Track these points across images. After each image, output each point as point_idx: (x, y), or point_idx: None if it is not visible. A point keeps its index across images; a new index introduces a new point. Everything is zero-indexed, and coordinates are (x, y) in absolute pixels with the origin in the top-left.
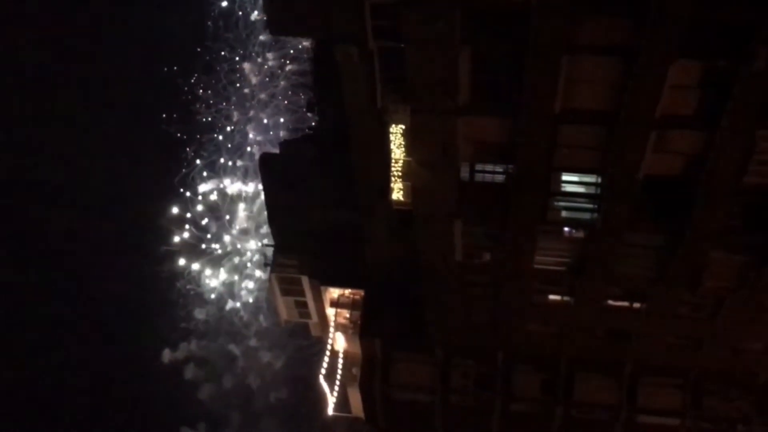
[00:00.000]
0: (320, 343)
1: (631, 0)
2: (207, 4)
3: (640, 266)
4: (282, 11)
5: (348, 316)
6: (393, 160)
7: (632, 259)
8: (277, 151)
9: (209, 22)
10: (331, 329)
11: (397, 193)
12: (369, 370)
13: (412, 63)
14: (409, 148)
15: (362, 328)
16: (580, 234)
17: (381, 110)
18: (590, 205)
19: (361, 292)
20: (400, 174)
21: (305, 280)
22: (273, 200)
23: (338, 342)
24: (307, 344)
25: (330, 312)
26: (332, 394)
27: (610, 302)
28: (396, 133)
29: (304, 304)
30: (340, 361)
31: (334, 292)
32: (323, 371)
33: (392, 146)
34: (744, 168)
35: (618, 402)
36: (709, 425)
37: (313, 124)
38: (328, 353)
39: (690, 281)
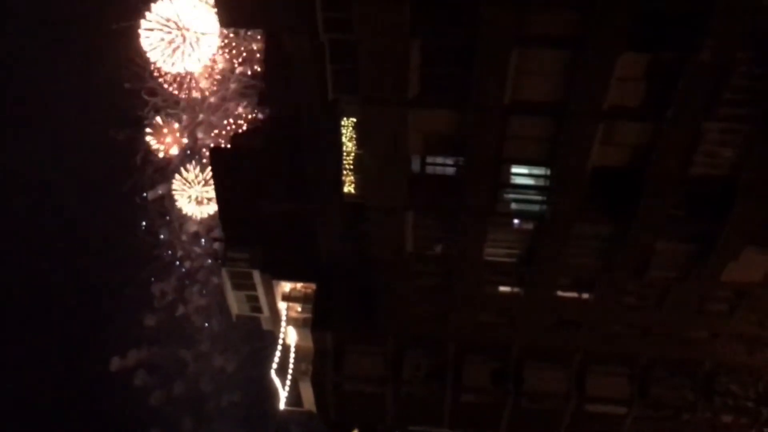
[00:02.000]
0: (274, 344)
1: None
2: (152, 8)
3: (589, 256)
4: (233, 3)
5: (300, 309)
6: (344, 153)
7: (580, 249)
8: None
9: (156, 26)
10: (283, 323)
11: (349, 186)
12: (320, 363)
13: (363, 55)
14: (360, 140)
15: (314, 321)
16: (530, 225)
17: (332, 103)
18: (539, 197)
19: (313, 286)
20: (351, 167)
21: (256, 274)
22: (223, 194)
23: (290, 336)
24: (260, 346)
25: (282, 306)
26: (284, 389)
27: (560, 292)
28: (347, 126)
29: (256, 299)
30: (292, 355)
31: (286, 286)
32: (275, 366)
33: (344, 139)
34: (689, 159)
35: (567, 391)
36: (656, 413)
37: (264, 117)
38: (279, 347)
39: (636, 270)
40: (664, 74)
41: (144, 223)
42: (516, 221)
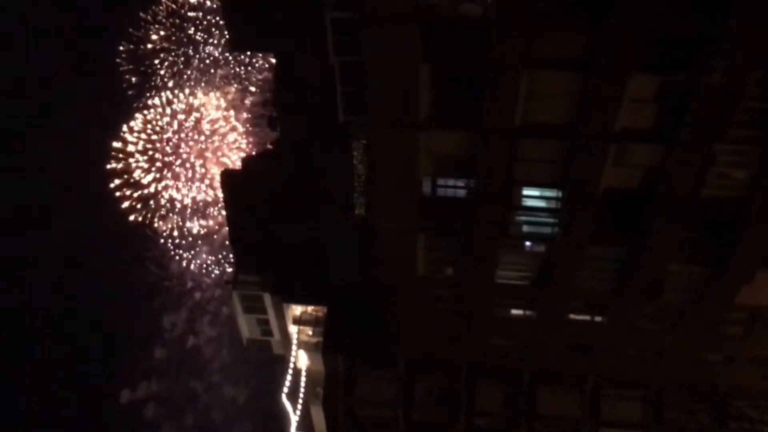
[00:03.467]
0: (285, 371)
1: (589, 14)
2: (166, 38)
3: (601, 279)
4: (244, 27)
5: (311, 333)
6: (356, 176)
7: (593, 272)
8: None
9: (168, 57)
10: (294, 347)
11: (360, 209)
12: (332, 387)
13: (373, 78)
14: (371, 163)
15: (325, 345)
16: (541, 248)
17: (343, 125)
18: (551, 219)
19: (324, 309)
20: (362, 189)
21: (267, 297)
22: (234, 217)
23: (301, 360)
24: (271, 377)
25: (292, 329)
26: (295, 413)
27: (572, 315)
28: (358, 149)
29: (266, 322)
30: (303, 379)
31: (297, 309)
32: (285, 390)
33: (355, 161)
34: (702, 180)
35: (581, 414)
36: None
37: (275, 140)
38: (290, 371)
39: (649, 293)
40: (675, 96)
41: (154, 255)
42: (528, 244)
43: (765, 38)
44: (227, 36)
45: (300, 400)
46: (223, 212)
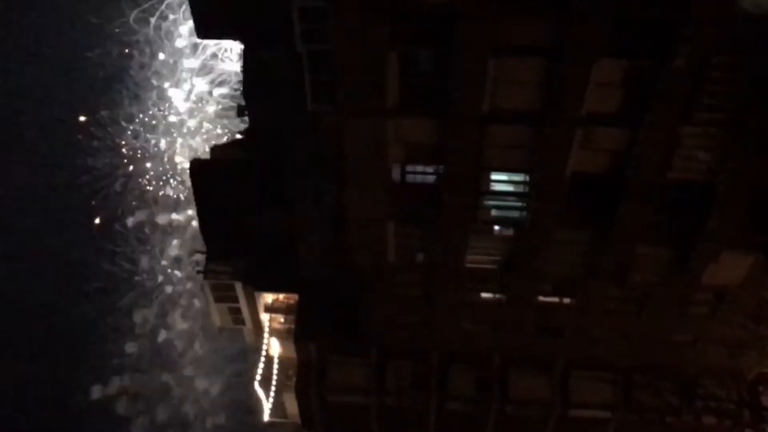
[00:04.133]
0: (258, 359)
1: (554, 1)
2: (131, 32)
3: (569, 262)
4: (210, 14)
5: (282, 320)
6: (325, 164)
7: (561, 255)
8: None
9: (134, 51)
10: (266, 335)
11: (330, 197)
12: (304, 374)
13: (341, 66)
14: (341, 151)
15: (297, 332)
16: (510, 232)
17: (311, 114)
18: (519, 204)
19: (296, 297)
20: (332, 177)
21: (238, 286)
22: (204, 206)
23: (273, 348)
24: (244, 367)
25: (264, 317)
26: (268, 401)
27: (541, 299)
28: (327, 137)
29: (238, 311)
30: (276, 366)
31: (268, 297)
32: (258, 378)
33: (324, 150)
34: (668, 163)
35: (551, 397)
36: (639, 417)
37: (245, 129)
38: (263, 359)
39: (617, 275)
40: (641, 80)
41: (123, 251)
42: (497, 228)
43: (727, 22)
44: (194, 26)
45: (273, 388)
46: (194, 206)
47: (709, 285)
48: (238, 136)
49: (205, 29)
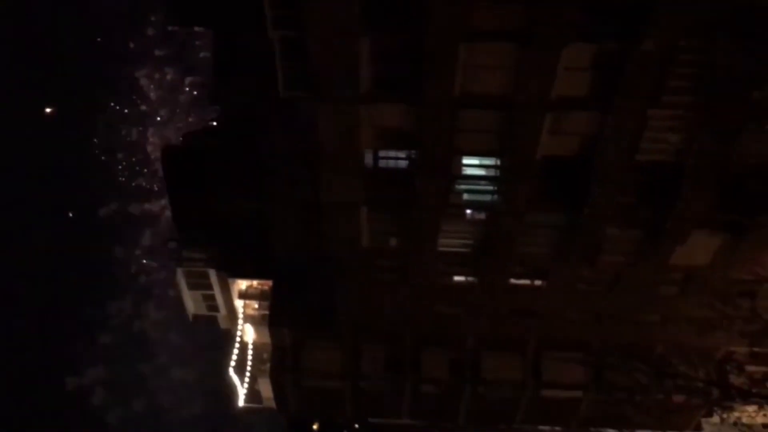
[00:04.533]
0: (233, 345)
1: None
2: (103, 19)
3: (541, 244)
4: (182, 1)
5: (257, 306)
6: (298, 150)
7: (533, 238)
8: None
9: (105, 40)
10: (240, 321)
11: (303, 183)
12: (279, 360)
13: (313, 52)
14: (314, 137)
15: (271, 318)
16: (482, 216)
17: (284, 100)
18: (491, 187)
19: (270, 283)
20: (305, 163)
21: (212, 273)
22: (176, 193)
23: (248, 334)
24: (219, 356)
25: (238, 304)
26: (243, 387)
27: (513, 281)
28: (300, 123)
29: (212, 297)
30: (250, 352)
31: (242, 284)
32: (233, 364)
33: (297, 136)
34: (637, 146)
35: (523, 378)
36: (610, 396)
37: (217, 116)
38: (237, 345)
39: (588, 257)
40: (609, 64)
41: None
42: (469, 212)
43: (693, 6)
44: (166, 13)
45: (247, 374)
46: (167, 195)
47: (678, 266)
48: (211, 123)
49: (177, 16)
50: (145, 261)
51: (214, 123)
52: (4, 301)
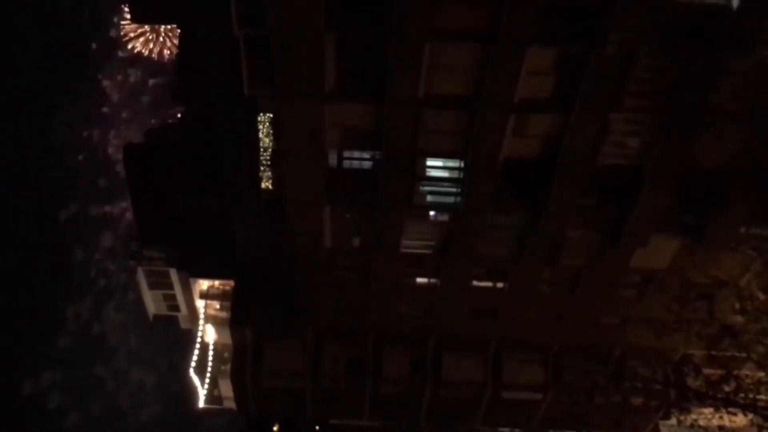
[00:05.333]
0: (193, 344)
1: None
2: (65, 22)
3: (502, 246)
4: None
5: (218, 307)
6: (262, 149)
7: (495, 239)
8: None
9: (66, 40)
10: (201, 321)
11: (267, 182)
12: (239, 360)
13: (278, 50)
14: (277, 136)
15: (232, 318)
16: (445, 217)
17: (248, 98)
18: (454, 189)
19: (231, 283)
20: (269, 162)
21: (173, 273)
22: (138, 191)
23: (208, 334)
24: (180, 358)
25: (200, 304)
26: (203, 387)
27: (475, 282)
28: (264, 122)
29: (173, 297)
30: (211, 353)
31: (204, 284)
32: (193, 365)
33: (261, 134)
34: (597, 149)
35: (484, 379)
36: (569, 398)
37: (180, 113)
38: (198, 346)
39: (548, 258)
40: (571, 67)
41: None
42: (432, 213)
43: (654, 11)
44: (129, 9)
45: (208, 375)
46: (128, 197)
47: (637, 268)
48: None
49: (141, 13)
50: (104, 264)
51: (176, 121)
52: None
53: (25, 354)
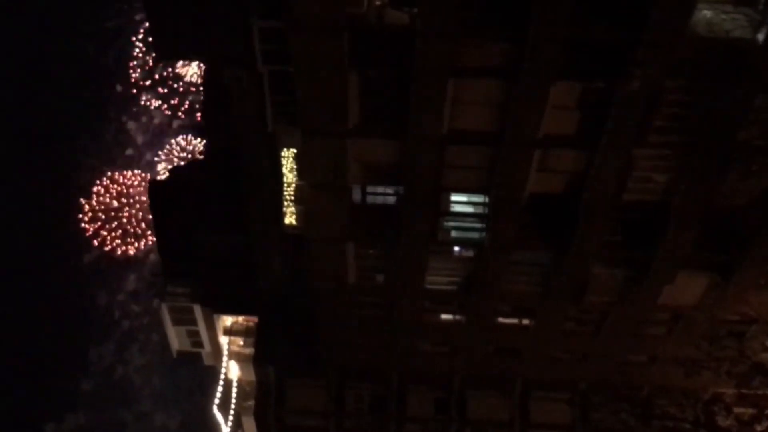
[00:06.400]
0: (216, 381)
1: (510, 23)
2: (91, 63)
3: (528, 283)
4: (170, 35)
5: (242, 343)
6: (285, 184)
7: (520, 276)
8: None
9: (92, 82)
10: (225, 358)
11: (290, 218)
12: (263, 398)
13: (301, 86)
14: (301, 171)
15: (256, 355)
16: (470, 253)
17: (272, 134)
18: (478, 225)
19: (255, 319)
20: (292, 198)
21: (197, 309)
22: (162, 227)
23: (232, 371)
24: (203, 400)
25: (223, 340)
26: (227, 425)
27: (500, 320)
28: (288, 157)
29: (197, 333)
30: (234, 390)
31: (228, 320)
32: (217, 401)
33: (284, 170)
34: (623, 185)
35: (510, 418)
36: None
37: (204, 150)
38: (221, 383)
39: (574, 296)
40: (596, 103)
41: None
42: (456, 249)
43: (679, 46)
44: (154, 46)
45: (231, 412)
46: (151, 239)
47: (665, 305)
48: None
49: (165, 51)
50: (128, 305)
51: (200, 158)
52: None
53: (48, 397)
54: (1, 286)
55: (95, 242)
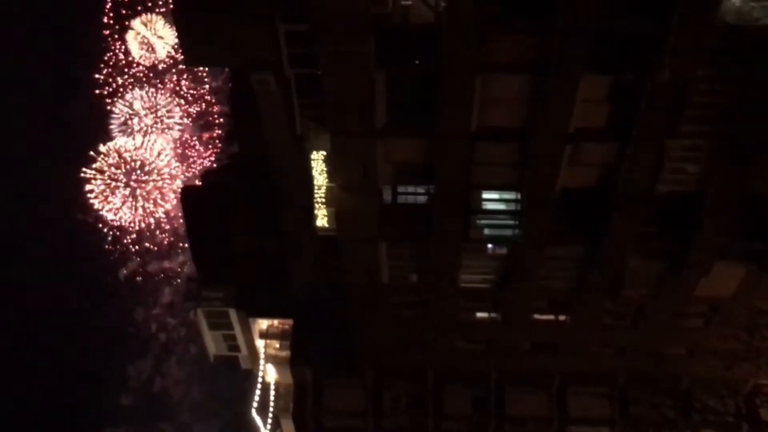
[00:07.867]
0: (254, 385)
1: (538, 17)
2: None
3: (563, 278)
4: (197, 41)
5: (278, 346)
6: (316, 187)
7: (555, 271)
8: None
9: (118, 100)
10: (261, 361)
11: (322, 219)
12: (301, 399)
13: (329, 88)
14: (331, 173)
15: (292, 357)
16: (503, 250)
17: (301, 137)
18: (511, 221)
19: (290, 322)
20: (323, 200)
21: (232, 313)
22: (196, 233)
23: (269, 374)
24: (243, 409)
25: (260, 343)
26: (265, 427)
27: (536, 315)
28: (317, 159)
29: (233, 338)
30: (272, 392)
31: (263, 323)
32: (255, 405)
33: (314, 172)
34: (656, 176)
35: (549, 414)
36: (637, 431)
37: (234, 154)
38: (259, 386)
39: (610, 289)
40: (626, 94)
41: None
42: (489, 246)
43: (708, 35)
44: (182, 53)
45: (270, 414)
46: (185, 252)
47: (702, 297)
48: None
49: (193, 57)
50: (164, 318)
51: (231, 161)
52: (25, 364)
53: (88, 413)
54: (39, 306)
55: (132, 252)
